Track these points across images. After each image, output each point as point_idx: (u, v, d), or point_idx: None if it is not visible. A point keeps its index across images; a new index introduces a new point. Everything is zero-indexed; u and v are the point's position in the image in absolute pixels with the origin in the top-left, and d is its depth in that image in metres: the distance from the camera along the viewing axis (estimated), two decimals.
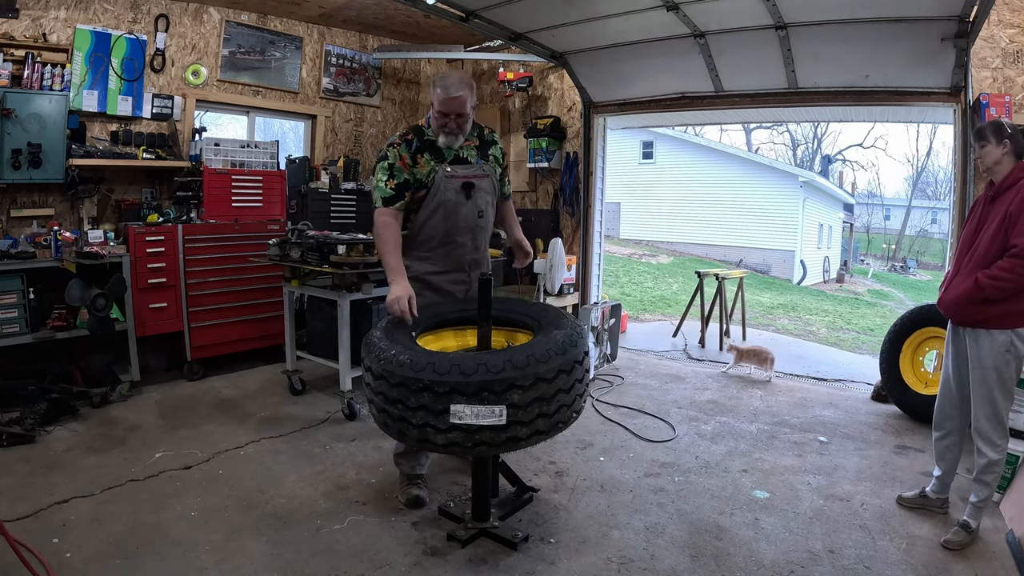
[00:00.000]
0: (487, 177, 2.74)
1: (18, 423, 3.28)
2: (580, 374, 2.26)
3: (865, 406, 4.20)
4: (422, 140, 2.67)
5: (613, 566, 2.30)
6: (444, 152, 2.68)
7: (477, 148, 2.77)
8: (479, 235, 2.75)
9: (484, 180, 2.72)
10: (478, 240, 2.76)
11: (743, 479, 3.05)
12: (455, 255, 2.73)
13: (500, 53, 5.94)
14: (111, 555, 2.27)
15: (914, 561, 2.34)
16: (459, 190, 2.65)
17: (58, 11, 4.32)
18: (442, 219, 2.66)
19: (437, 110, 2.60)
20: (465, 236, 2.71)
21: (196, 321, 4.34)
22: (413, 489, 2.71)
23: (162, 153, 4.64)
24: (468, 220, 2.69)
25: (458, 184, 2.65)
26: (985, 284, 2.35)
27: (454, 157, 2.70)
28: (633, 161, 17.98)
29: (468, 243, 2.73)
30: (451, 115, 2.59)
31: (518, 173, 6.40)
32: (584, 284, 5.77)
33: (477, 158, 2.75)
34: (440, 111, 2.60)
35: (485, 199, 2.73)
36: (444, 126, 2.62)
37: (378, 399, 2.23)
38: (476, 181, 2.69)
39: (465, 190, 2.66)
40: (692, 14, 3.99)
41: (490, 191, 2.75)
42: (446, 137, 2.64)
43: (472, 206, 2.69)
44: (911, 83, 4.08)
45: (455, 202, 2.65)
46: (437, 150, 2.67)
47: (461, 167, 2.69)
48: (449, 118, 2.60)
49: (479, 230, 2.74)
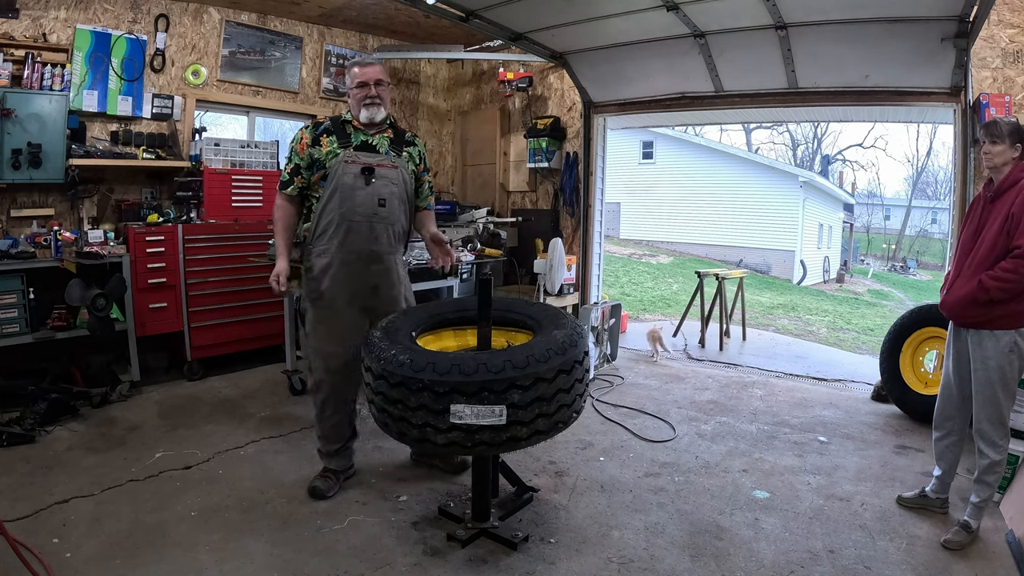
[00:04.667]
0: (394, 168, 2.69)
1: (18, 423, 3.28)
2: (580, 374, 2.26)
3: (865, 406, 4.20)
4: (336, 124, 2.69)
5: (613, 566, 2.30)
6: (352, 137, 2.66)
7: (391, 141, 2.74)
8: (378, 225, 2.66)
9: (390, 170, 2.68)
10: (376, 230, 2.66)
11: (743, 479, 3.05)
12: (350, 241, 2.64)
13: (500, 53, 5.94)
14: (111, 555, 2.27)
15: (914, 561, 2.34)
16: (358, 174, 2.61)
17: (58, 11, 4.32)
18: (338, 204, 2.62)
19: (356, 82, 2.64)
20: (361, 224, 2.63)
21: (196, 321, 4.34)
22: (316, 480, 2.76)
23: (162, 153, 4.64)
24: (365, 206, 2.62)
25: (357, 168, 2.62)
26: (989, 286, 2.35)
27: (361, 143, 2.68)
28: (633, 161, 17.98)
29: (365, 231, 2.64)
30: (370, 83, 2.63)
31: (518, 173, 6.40)
32: (584, 284, 5.77)
33: (388, 150, 2.71)
34: (359, 82, 2.64)
35: (389, 189, 2.66)
36: (365, 98, 2.64)
37: (378, 399, 2.23)
38: (378, 168, 2.64)
39: (365, 175, 2.61)
40: (692, 14, 3.99)
41: (396, 182, 2.69)
42: (368, 110, 2.65)
43: (371, 192, 2.63)
44: (911, 83, 4.08)
45: (352, 187, 2.61)
46: (345, 135, 2.67)
47: (366, 154, 2.66)
48: (368, 87, 2.63)
49: (378, 220, 2.65)
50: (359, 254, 2.66)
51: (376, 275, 2.71)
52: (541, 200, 6.22)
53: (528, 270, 5.36)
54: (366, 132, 2.71)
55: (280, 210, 2.74)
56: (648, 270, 13.95)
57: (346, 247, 2.64)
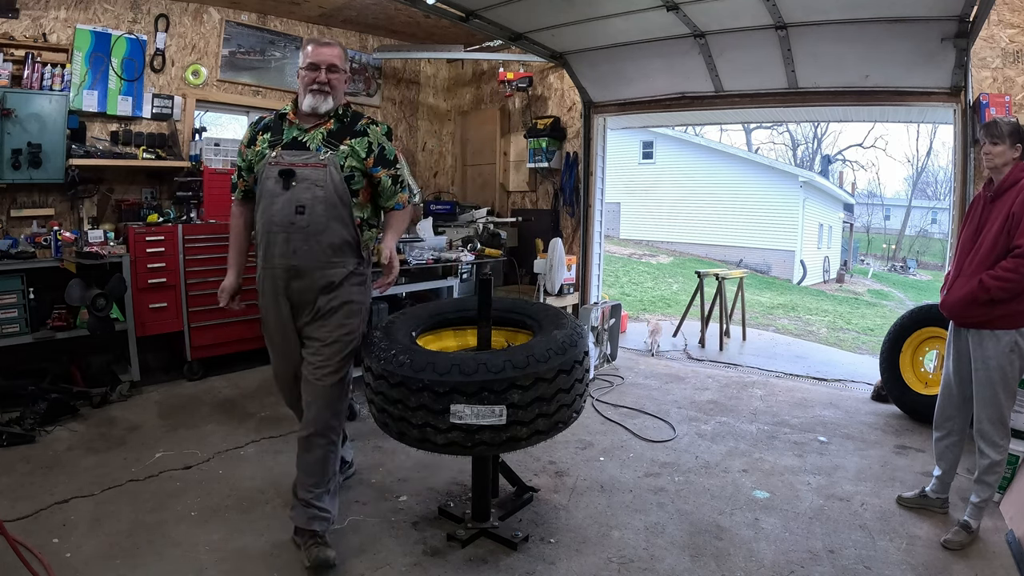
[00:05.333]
0: (322, 167, 2.25)
1: (18, 423, 3.28)
2: (580, 374, 2.26)
3: (865, 406, 4.20)
4: (278, 118, 2.38)
5: (613, 566, 2.30)
6: (284, 133, 2.32)
7: (329, 133, 2.31)
8: (295, 236, 2.25)
9: (315, 170, 2.25)
10: (294, 242, 2.25)
11: (743, 479, 3.05)
12: (268, 256, 2.32)
13: (500, 53, 5.94)
14: (111, 555, 2.27)
15: (914, 561, 2.34)
16: (277, 178, 2.26)
17: (58, 11, 4.32)
18: (261, 213, 2.32)
19: (307, 63, 2.30)
20: (277, 235, 2.27)
21: (196, 321, 4.33)
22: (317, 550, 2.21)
23: (162, 153, 4.64)
24: (281, 216, 2.25)
25: (276, 171, 2.26)
26: (990, 285, 2.35)
27: (291, 140, 2.30)
28: (633, 161, 17.98)
29: (280, 243, 2.27)
30: (322, 67, 2.28)
31: (518, 173, 6.40)
32: (584, 284, 5.77)
33: (320, 145, 2.28)
34: (310, 63, 2.29)
35: (312, 193, 2.24)
36: (312, 83, 2.29)
37: (378, 399, 2.23)
38: (299, 170, 2.24)
39: (283, 179, 2.25)
40: (692, 14, 3.99)
41: (323, 184, 2.24)
42: (313, 97, 2.29)
43: (289, 200, 2.24)
44: (911, 83, 4.08)
45: (272, 193, 2.27)
46: (280, 131, 2.34)
47: (291, 152, 2.28)
48: (319, 71, 2.28)
49: (295, 230, 2.24)
50: (278, 269, 2.31)
51: (299, 294, 2.32)
52: (541, 200, 6.22)
53: (528, 270, 5.36)
54: (301, 126, 2.33)
55: (233, 218, 2.53)
56: (648, 270, 13.95)
57: (267, 261, 2.33)
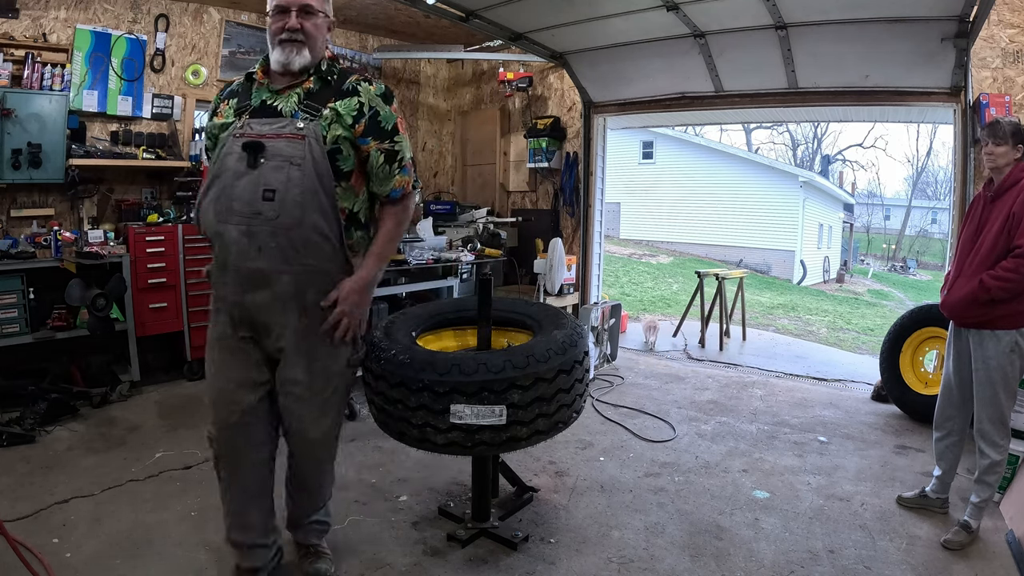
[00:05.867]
0: (299, 139, 1.76)
1: (18, 423, 3.28)
2: (580, 374, 2.26)
3: (865, 406, 4.20)
4: (246, 79, 1.89)
5: (613, 566, 2.30)
6: (252, 97, 1.84)
7: (306, 94, 1.81)
8: (260, 230, 1.75)
9: (290, 143, 1.76)
10: (258, 238, 1.75)
11: (743, 479, 3.05)
12: (221, 256, 1.82)
13: (500, 53, 5.94)
14: (111, 555, 2.27)
15: (914, 561, 2.34)
16: (240, 154, 1.77)
17: (58, 11, 4.32)
18: (213, 198, 1.81)
19: (274, 3, 1.80)
20: (233, 227, 1.77)
21: (196, 321, 4.33)
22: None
23: (162, 153, 4.64)
24: (243, 201, 1.75)
25: (239, 145, 1.77)
26: (991, 285, 2.35)
27: (260, 105, 1.82)
28: (633, 161, 17.98)
29: (237, 237, 1.76)
30: (292, 8, 1.77)
31: (518, 173, 6.40)
32: (584, 284, 5.77)
33: (298, 110, 1.79)
34: (277, 4, 1.79)
35: (285, 173, 1.75)
36: (280, 31, 1.78)
37: (378, 399, 2.23)
38: (269, 142, 1.75)
39: (248, 154, 1.75)
40: (692, 14, 3.99)
41: (300, 161, 1.75)
42: (283, 50, 1.78)
43: (254, 181, 1.75)
44: (911, 83, 4.08)
45: (234, 172, 1.77)
46: (248, 95, 1.86)
47: (261, 121, 1.79)
48: (287, 16, 1.77)
49: (260, 222, 1.75)
50: (235, 274, 1.81)
51: (262, 308, 1.82)
52: (541, 200, 6.22)
53: (528, 270, 5.36)
54: (272, 87, 1.84)
55: None
56: (648, 270, 13.95)
57: (218, 263, 1.85)
